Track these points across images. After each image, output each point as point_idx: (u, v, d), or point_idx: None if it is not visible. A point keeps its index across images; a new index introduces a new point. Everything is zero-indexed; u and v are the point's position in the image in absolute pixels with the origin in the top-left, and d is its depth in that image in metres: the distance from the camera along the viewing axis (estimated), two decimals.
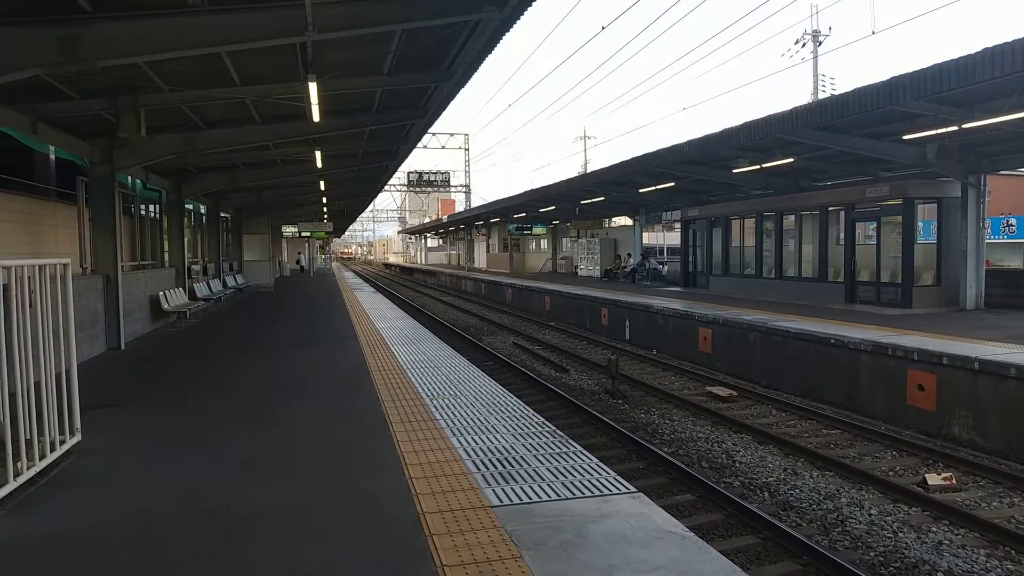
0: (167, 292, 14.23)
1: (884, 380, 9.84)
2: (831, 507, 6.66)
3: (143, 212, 15.87)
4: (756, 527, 6.13)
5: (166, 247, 16.85)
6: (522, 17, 7.27)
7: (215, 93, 9.68)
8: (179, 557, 3.51)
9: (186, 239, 17.27)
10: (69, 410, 5.18)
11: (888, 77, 10.19)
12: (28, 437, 4.56)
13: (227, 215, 24.72)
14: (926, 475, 7.37)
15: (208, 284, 19.03)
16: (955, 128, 11.15)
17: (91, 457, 5.14)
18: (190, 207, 19.25)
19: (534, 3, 6.92)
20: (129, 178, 13.93)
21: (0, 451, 4.35)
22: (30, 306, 4.62)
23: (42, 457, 4.69)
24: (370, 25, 7.22)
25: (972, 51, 8.80)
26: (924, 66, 9.55)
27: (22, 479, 4.39)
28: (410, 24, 7.29)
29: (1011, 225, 27.69)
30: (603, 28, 16.80)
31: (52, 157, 12.91)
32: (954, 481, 7.22)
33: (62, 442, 5.05)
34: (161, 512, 4.10)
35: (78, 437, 5.31)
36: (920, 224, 15.64)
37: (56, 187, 13.19)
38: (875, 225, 15.80)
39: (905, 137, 12.52)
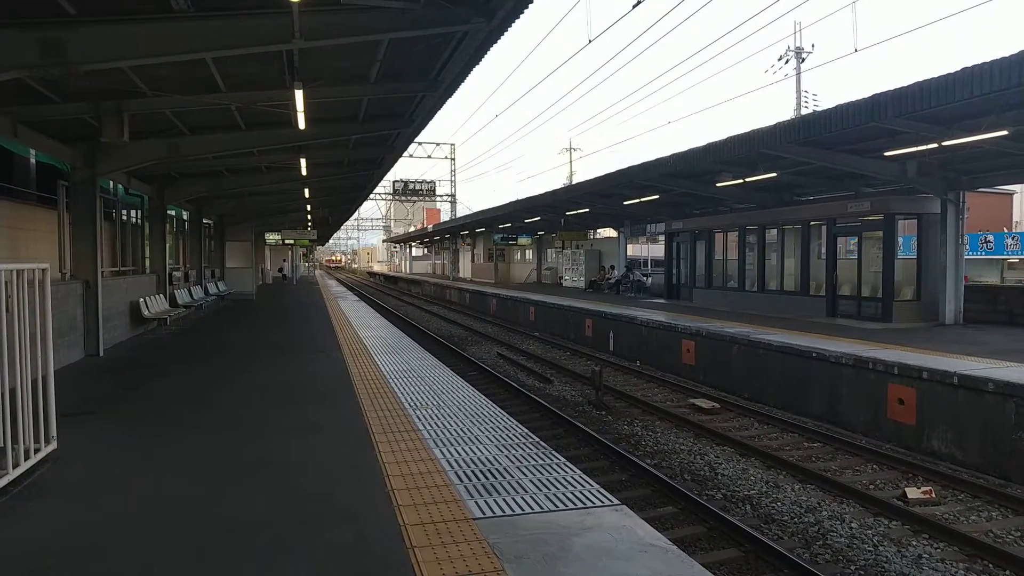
0: (147, 299, 14.07)
1: (865, 394, 9.92)
2: (812, 520, 6.69)
3: (124, 217, 15.70)
4: (738, 540, 6.14)
5: (147, 253, 16.68)
6: (510, 29, 7.31)
7: (200, 99, 9.62)
8: (154, 571, 3.44)
9: (168, 245, 17.11)
10: (45, 417, 5.08)
11: (871, 94, 10.33)
12: (2, 445, 4.47)
13: (210, 221, 24.55)
14: (906, 488, 7.41)
15: (189, 291, 18.85)
16: (935, 145, 11.31)
17: (67, 466, 5.05)
18: (172, 213, 19.07)
19: (522, 16, 6.96)
20: (111, 183, 13.79)
21: None
22: (7, 311, 4.54)
23: (16, 465, 4.60)
24: (358, 34, 7.22)
25: (952, 70, 8.96)
26: (906, 84, 9.68)
27: None
28: (398, 34, 7.28)
29: (989, 242, 28.16)
30: (590, 42, 16.88)
31: (33, 161, 12.77)
32: (933, 495, 7.28)
33: (37, 450, 4.95)
34: (138, 523, 4.03)
35: (54, 445, 5.21)
36: (900, 239, 15.84)
37: (36, 191, 13.03)
38: (856, 240, 15.96)
39: (887, 153, 12.69)
